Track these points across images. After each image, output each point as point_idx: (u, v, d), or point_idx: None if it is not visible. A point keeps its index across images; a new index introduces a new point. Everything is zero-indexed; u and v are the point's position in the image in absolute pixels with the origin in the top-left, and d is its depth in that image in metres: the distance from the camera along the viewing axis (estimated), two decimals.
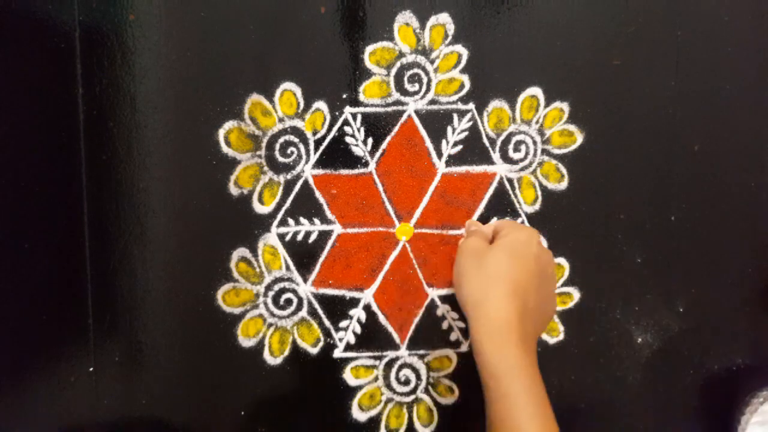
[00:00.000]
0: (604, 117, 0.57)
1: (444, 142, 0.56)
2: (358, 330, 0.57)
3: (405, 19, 0.55)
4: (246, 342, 0.56)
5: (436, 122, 0.56)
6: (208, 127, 0.54)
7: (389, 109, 0.56)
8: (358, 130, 0.56)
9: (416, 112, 0.56)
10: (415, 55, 0.55)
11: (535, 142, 0.57)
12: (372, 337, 0.57)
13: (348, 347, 0.57)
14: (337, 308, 0.57)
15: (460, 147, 0.56)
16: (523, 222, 0.57)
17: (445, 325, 0.58)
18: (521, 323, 0.45)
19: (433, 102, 0.56)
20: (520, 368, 0.44)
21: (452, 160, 0.56)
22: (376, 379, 0.57)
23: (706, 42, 0.56)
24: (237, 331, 0.56)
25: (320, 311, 0.57)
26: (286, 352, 0.57)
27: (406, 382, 0.58)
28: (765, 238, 0.59)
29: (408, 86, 0.55)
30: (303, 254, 0.56)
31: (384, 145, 0.56)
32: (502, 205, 0.57)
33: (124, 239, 0.55)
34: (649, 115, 0.57)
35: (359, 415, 0.57)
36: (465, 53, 0.55)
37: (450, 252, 0.57)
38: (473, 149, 0.56)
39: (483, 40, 0.55)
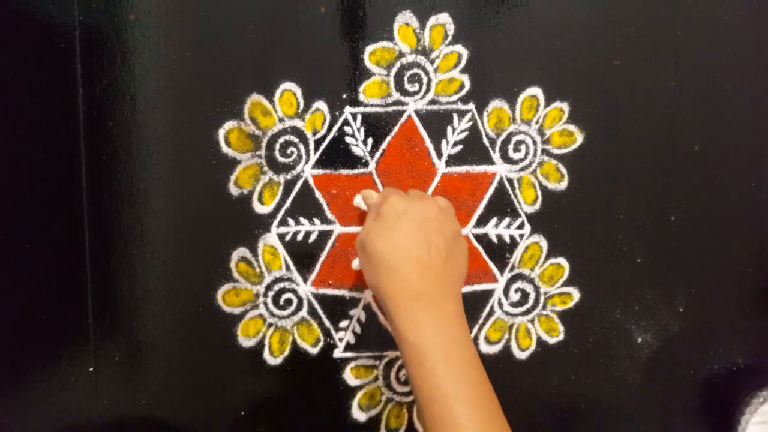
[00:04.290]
0: (604, 117, 0.57)
1: (444, 142, 0.56)
2: (358, 330, 0.57)
3: (405, 19, 0.55)
4: (246, 342, 0.56)
5: (436, 122, 0.56)
6: (208, 127, 0.54)
7: (389, 109, 0.56)
8: (358, 130, 0.56)
9: (416, 112, 0.56)
10: (415, 55, 0.55)
11: (535, 142, 0.57)
12: (372, 337, 0.57)
13: (348, 347, 0.57)
14: (337, 308, 0.57)
15: (460, 147, 0.56)
16: (522, 222, 0.57)
17: None
18: (422, 287, 0.44)
19: (433, 102, 0.56)
20: (431, 331, 0.43)
21: (452, 160, 0.56)
22: (376, 379, 0.57)
23: (706, 42, 0.56)
24: (237, 331, 0.56)
25: (320, 311, 0.57)
26: (286, 352, 0.57)
27: (406, 382, 0.58)
28: (765, 238, 0.59)
29: (408, 86, 0.55)
30: (303, 254, 0.56)
31: (384, 145, 0.56)
32: (502, 205, 0.57)
33: (124, 239, 0.55)
34: (649, 115, 0.57)
35: (359, 415, 0.57)
36: (465, 53, 0.55)
37: None
38: (473, 149, 0.56)
39: (483, 40, 0.55)
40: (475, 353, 0.44)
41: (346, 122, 0.55)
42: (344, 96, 0.55)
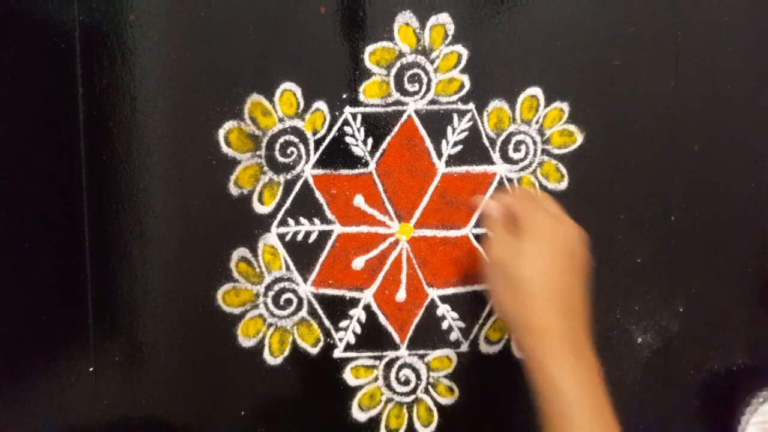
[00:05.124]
0: (604, 117, 0.57)
1: (444, 142, 0.56)
2: (358, 330, 0.57)
3: (405, 19, 0.55)
4: (246, 342, 0.56)
5: (436, 122, 0.56)
6: (208, 127, 0.54)
7: (389, 109, 0.56)
8: (358, 130, 0.56)
9: (416, 112, 0.56)
10: (415, 55, 0.55)
11: (535, 142, 0.57)
12: (372, 337, 0.57)
13: (348, 347, 0.57)
14: (337, 308, 0.57)
15: (460, 147, 0.56)
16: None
17: (445, 325, 0.58)
18: (570, 328, 0.42)
19: (433, 102, 0.56)
20: (579, 378, 0.41)
21: (452, 160, 0.56)
22: (376, 379, 0.57)
23: (706, 42, 0.56)
24: (237, 331, 0.56)
25: (320, 311, 0.57)
26: (286, 352, 0.57)
27: (406, 382, 0.58)
28: (765, 238, 0.59)
29: (408, 86, 0.55)
30: (303, 254, 0.56)
31: (384, 145, 0.56)
32: None
33: (124, 239, 0.55)
34: (649, 115, 0.57)
35: (359, 415, 0.57)
36: (465, 53, 0.55)
37: (450, 252, 0.57)
38: (473, 149, 0.56)
39: (483, 40, 0.55)
40: (610, 406, 0.42)
41: (346, 122, 0.55)
42: (344, 96, 0.55)
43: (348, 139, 0.56)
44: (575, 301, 0.43)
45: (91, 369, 0.55)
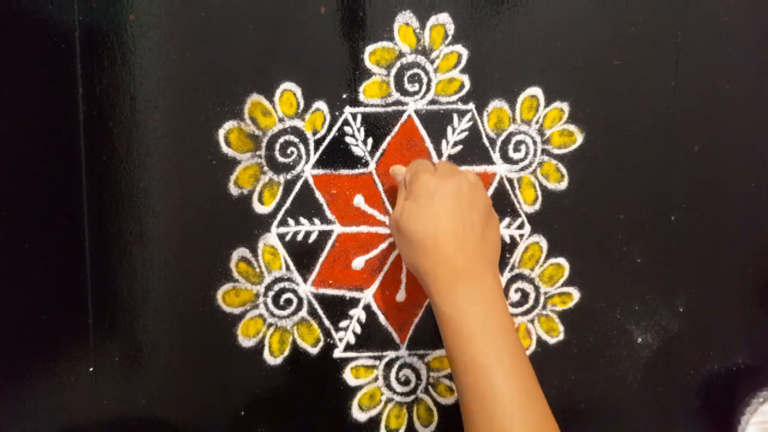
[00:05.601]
0: (604, 117, 0.57)
1: (444, 142, 0.56)
2: (358, 330, 0.57)
3: (405, 19, 0.55)
4: (246, 342, 0.56)
5: (436, 122, 0.56)
6: (208, 127, 0.54)
7: (389, 109, 0.56)
8: (358, 130, 0.56)
9: (416, 112, 0.56)
10: (415, 55, 0.55)
11: (535, 142, 0.57)
12: (372, 337, 0.57)
13: (348, 347, 0.57)
14: (337, 308, 0.57)
15: (460, 147, 0.56)
16: (522, 222, 0.57)
17: None
18: (459, 265, 0.46)
19: (433, 102, 0.56)
20: (470, 304, 0.45)
21: (452, 160, 0.56)
22: (376, 379, 0.57)
23: (706, 42, 0.56)
24: (237, 331, 0.56)
25: (320, 311, 0.57)
26: (286, 352, 0.57)
27: (406, 382, 0.58)
28: (765, 238, 0.59)
29: (408, 86, 0.55)
30: (303, 254, 0.56)
31: (384, 145, 0.56)
32: (502, 205, 0.57)
33: (124, 239, 0.55)
34: (649, 115, 0.57)
35: (359, 415, 0.57)
36: (465, 53, 0.55)
37: None
38: (473, 149, 0.56)
39: (483, 40, 0.55)
40: (512, 323, 0.45)
41: (346, 122, 0.55)
42: (344, 96, 0.55)
43: (348, 139, 0.56)
44: (465, 238, 0.47)
45: (91, 369, 0.55)
